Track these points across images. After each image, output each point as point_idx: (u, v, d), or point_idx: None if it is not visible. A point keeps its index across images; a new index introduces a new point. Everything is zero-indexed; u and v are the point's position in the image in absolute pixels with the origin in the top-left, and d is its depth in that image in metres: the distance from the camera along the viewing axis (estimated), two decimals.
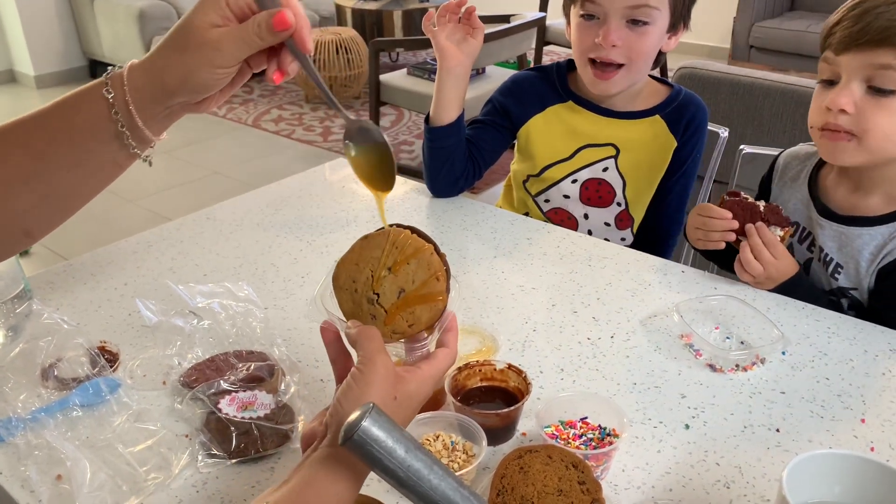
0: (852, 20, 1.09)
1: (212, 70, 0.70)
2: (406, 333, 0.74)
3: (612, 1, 1.30)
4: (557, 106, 1.48)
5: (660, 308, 1.15)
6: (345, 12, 5.46)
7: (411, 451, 0.61)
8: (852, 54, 1.09)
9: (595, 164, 1.46)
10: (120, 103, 0.70)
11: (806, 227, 1.26)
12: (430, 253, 0.74)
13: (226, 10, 0.70)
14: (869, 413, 0.93)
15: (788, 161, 1.33)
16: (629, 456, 0.87)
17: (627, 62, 1.35)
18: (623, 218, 1.50)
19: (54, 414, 0.92)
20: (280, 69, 0.75)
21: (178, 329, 1.06)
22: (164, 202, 3.85)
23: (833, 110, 1.11)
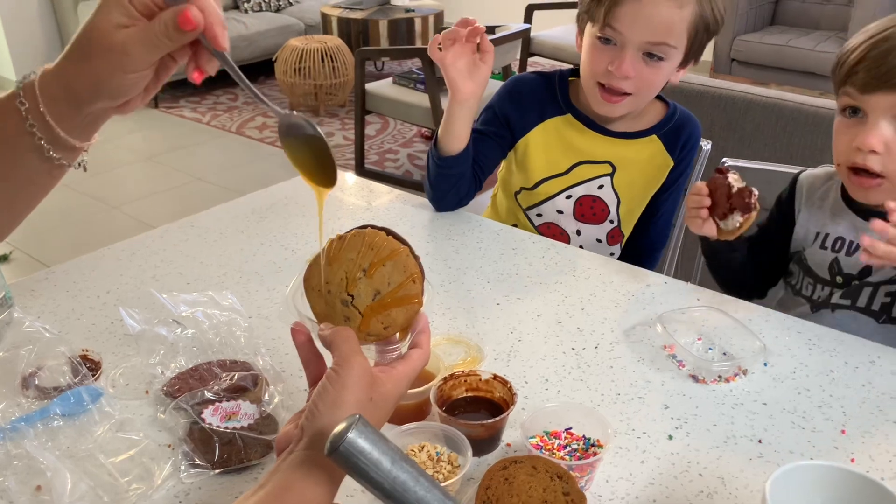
0: (876, 61, 1.07)
1: (122, 76, 0.66)
2: (381, 336, 0.74)
3: (635, 34, 1.28)
4: (556, 119, 1.46)
5: (643, 319, 1.16)
6: (330, 21, 5.46)
7: (397, 463, 0.61)
8: (880, 95, 1.08)
9: (591, 181, 1.46)
10: (35, 115, 0.66)
11: (853, 241, 1.23)
12: (406, 255, 0.74)
13: (130, 9, 0.64)
14: (849, 424, 0.94)
15: (811, 182, 1.31)
16: (613, 466, 0.87)
17: (636, 91, 1.35)
18: (614, 234, 1.51)
19: (34, 423, 0.91)
20: (198, 68, 0.71)
21: (162, 338, 1.05)
22: (146, 209, 3.82)
23: (863, 151, 1.10)
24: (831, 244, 1.26)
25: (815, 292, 1.28)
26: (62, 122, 0.67)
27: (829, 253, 1.26)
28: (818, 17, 5.47)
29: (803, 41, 5.15)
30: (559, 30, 5.20)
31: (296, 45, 5.01)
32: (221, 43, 0.68)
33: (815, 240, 1.28)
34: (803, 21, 5.53)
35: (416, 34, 5.45)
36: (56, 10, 5.63)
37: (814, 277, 1.28)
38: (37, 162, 0.68)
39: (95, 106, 0.68)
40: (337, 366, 0.67)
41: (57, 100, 0.67)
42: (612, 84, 1.33)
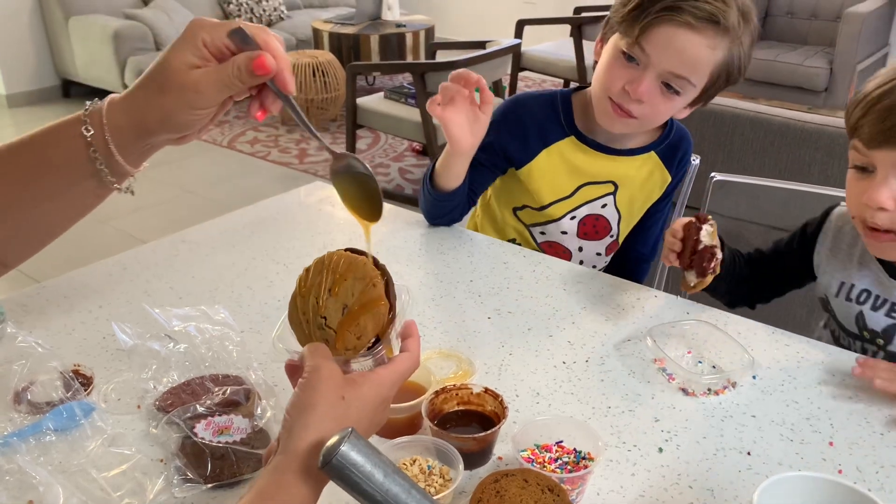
0: (880, 115, 1.04)
1: (192, 112, 0.70)
2: (358, 347, 0.75)
3: (662, 60, 1.25)
4: (559, 143, 1.44)
5: (633, 332, 1.17)
6: (322, 36, 5.49)
7: (389, 476, 0.61)
8: (886, 150, 1.04)
9: (595, 202, 1.47)
10: (99, 141, 0.70)
11: (880, 295, 1.19)
12: (363, 264, 0.75)
13: (203, 51, 0.69)
14: (837, 436, 0.95)
15: (841, 225, 1.25)
16: (604, 479, 0.88)
17: (642, 118, 1.33)
18: (612, 246, 1.54)
19: (27, 438, 0.91)
20: (263, 108, 0.75)
21: (154, 352, 1.05)
22: (136, 223, 3.82)
23: (872, 208, 1.07)
24: (856, 296, 1.21)
25: (851, 346, 1.24)
26: (123, 149, 0.71)
27: (855, 305, 1.21)
28: (806, 33, 5.54)
29: (791, 56, 5.21)
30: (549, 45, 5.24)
31: None
32: (290, 88, 0.73)
33: (839, 290, 1.23)
34: (791, 36, 5.59)
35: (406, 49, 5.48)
36: (47, 24, 5.63)
37: (844, 330, 1.24)
38: (92, 184, 0.72)
39: (158, 138, 0.72)
40: (306, 373, 0.69)
41: (122, 129, 0.70)
42: (623, 104, 1.31)
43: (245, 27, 0.71)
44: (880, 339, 1.20)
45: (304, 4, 6.68)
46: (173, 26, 5.54)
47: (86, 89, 5.75)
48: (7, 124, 5.37)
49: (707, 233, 1.14)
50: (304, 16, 6.35)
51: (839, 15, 5.11)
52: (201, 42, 0.69)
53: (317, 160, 4.65)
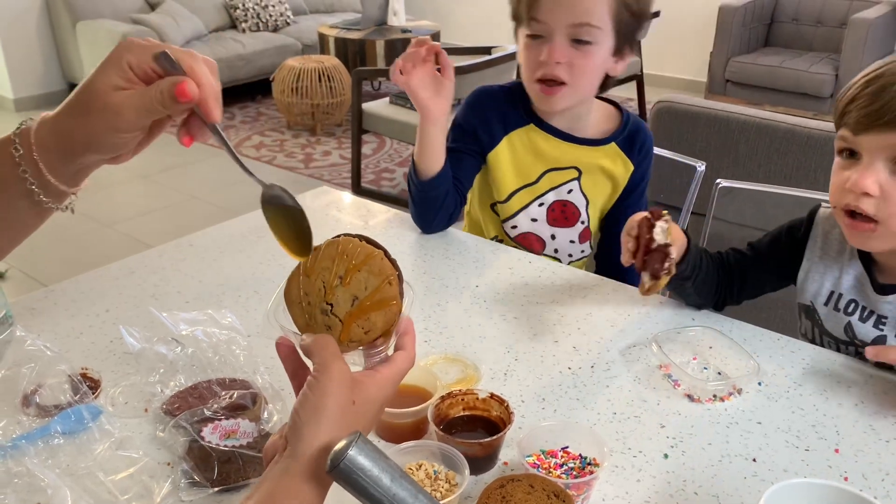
0: (868, 99, 1.03)
1: (115, 134, 0.69)
2: (363, 341, 0.74)
3: (556, 18, 1.33)
4: (520, 130, 1.49)
5: (639, 339, 1.17)
6: (328, 41, 5.51)
7: (396, 480, 0.62)
8: (873, 135, 1.03)
9: (560, 187, 1.50)
10: (28, 161, 0.69)
11: (867, 307, 1.17)
12: (380, 258, 0.74)
13: (128, 73, 0.68)
14: (843, 443, 0.95)
15: (828, 230, 1.23)
16: (609, 485, 0.88)
17: (570, 80, 1.37)
18: (585, 235, 1.55)
19: (35, 441, 0.91)
20: (189, 134, 0.74)
21: (161, 356, 1.06)
22: (142, 227, 3.83)
23: (856, 192, 1.05)
24: (844, 307, 1.20)
25: (843, 350, 1.22)
26: (53, 170, 0.70)
27: (843, 316, 1.20)
28: (811, 39, 5.54)
29: (797, 62, 5.21)
30: None
31: (293, 65, 5.04)
32: (214, 117, 0.71)
33: (828, 299, 1.21)
34: (797, 43, 5.59)
35: None
36: (54, 29, 5.66)
37: (832, 338, 1.22)
38: (26, 204, 0.71)
39: (87, 158, 0.71)
40: (316, 372, 0.68)
41: (50, 150, 0.69)
42: (547, 74, 1.36)
43: (171, 51, 0.69)
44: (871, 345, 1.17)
45: (309, 10, 6.70)
46: (180, 31, 5.56)
47: None
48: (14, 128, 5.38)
49: (661, 230, 1.09)
50: (310, 21, 6.37)
51: (845, 21, 5.11)
52: (126, 64, 0.68)
53: (322, 165, 4.66)
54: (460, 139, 1.50)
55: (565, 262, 1.54)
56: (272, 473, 0.65)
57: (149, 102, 0.68)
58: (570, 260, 1.55)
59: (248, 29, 6.04)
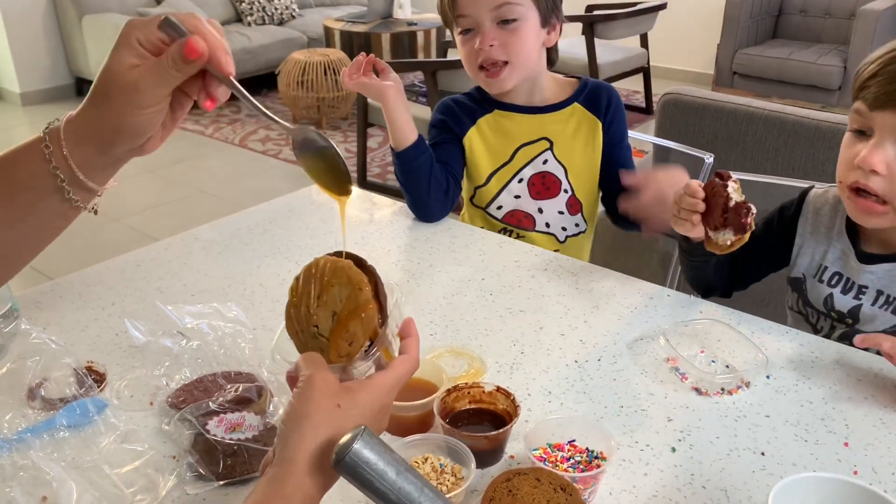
0: (889, 76, 1.03)
1: (139, 112, 0.69)
2: (351, 354, 0.74)
3: (478, 7, 1.42)
4: (486, 117, 1.57)
5: (646, 332, 1.16)
6: (333, 34, 5.50)
7: (402, 474, 0.61)
8: (888, 113, 1.04)
9: (535, 160, 1.55)
10: (59, 158, 0.69)
11: (850, 278, 1.20)
12: (348, 268, 0.74)
13: (139, 49, 0.69)
14: (852, 437, 0.95)
15: (820, 206, 1.27)
16: (616, 479, 0.88)
17: (509, 58, 1.45)
18: (572, 203, 1.57)
19: (40, 434, 0.91)
20: (210, 96, 0.74)
21: (167, 349, 1.06)
22: (149, 221, 3.83)
23: (864, 169, 1.06)
24: (828, 279, 1.24)
25: (819, 322, 1.27)
26: (84, 165, 0.70)
27: (826, 287, 1.24)
28: (819, 31, 5.50)
29: (805, 54, 5.18)
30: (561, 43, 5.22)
31: (299, 59, 5.04)
32: (227, 69, 0.72)
33: (817, 272, 1.26)
34: (805, 34, 5.56)
35: (418, 48, 5.48)
36: (61, 23, 5.66)
37: (812, 308, 1.27)
38: (56, 203, 0.71)
39: (117, 148, 0.71)
40: (300, 383, 0.68)
41: (80, 143, 0.70)
42: (486, 59, 1.45)
43: (173, 16, 0.70)
44: (848, 318, 1.22)
45: (315, 3, 6.70)
46: None
47: None
48: (21, 122, 5.40)
49: (734, 189, 1.11)
50: (316, 14, 6.36)
51: (853, 13, 5.07)
52: (136, 41, 0.69)
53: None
54: (438, 133, 1.59)
55: (562, 237, 1.57)
56: (260, 483, 0.65)
57: (163, 70, 0.68)
58: (566, 235, 1.58)
59: (254, 22, 6.03)
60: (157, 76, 0.69)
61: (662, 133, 2.38)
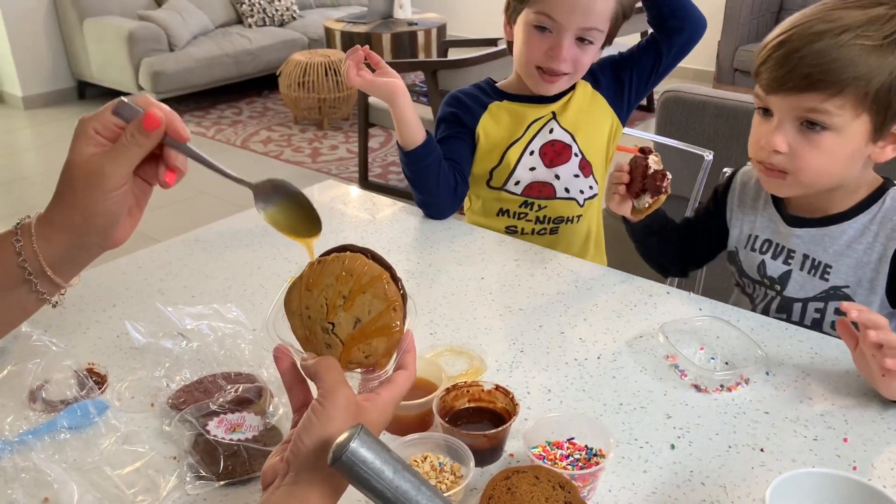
0: (776, 63, 1.11)
1: (104, 196, 0.70)
2: (363, 364, 0.73)
3: (571, 21, 1.43)
4: (496, 103, 1.59)
5: (645, 329, 1.16)
6: (334, 35, 5.50)
7: (399, 472, 0.61)
8: (780, 97, 1.12)
9: (542, 130, 1.58)
10: (28, 252, 0.71)
11: (779, 243, 1.27)
12: (386, 281, 0.73)
13: (97, 138, 0.71)
14: (851, 433, 0.95)
15: (746, 181, 1.35)
16: (615, 476, 0.88)
17: (572, 71, 1.50)
18: (584, 165, 1.59)
19: (42, 436, 0.92)
20: (170, 168, 0.76)
21: (167, 351, 1.06)
22: (151, 222, 3.81)
23: (767, 150, 1.14)
24: (759, 247, 1.29)
25: (756, 291, 1.33)
26: (52, 260, 0.72)
27: (758, 255, 1.29)
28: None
29: None
30: None
31: (299, 60, 5.04)
32: (185, 135, 0.74)
33: (747, 242, 1.32)
34: None
35: (418, 48, 5.48)
36: (62, 26, 5.67)
37: (748, 278, 1.32)
38: (22, 294, 0.73)
39: (86, 239, 0.73)
40: (322, 397, 0.67)
41: (50, 237, 0.71)
42: (552, 67, 1.47)
43: (127, 99, 0.72)
44: (777, 285, 1.27)
45: (316, 4, 6.69)
46: (187, 27, 5.57)
47: (101, 90, 5.79)
48: (23, 126, 5.41)
49: (654, 161, 1.22)
50: (316, 15, 6.36)
51: None
52: (92, 131, 0.71)
53: (329, 159, 4.66)
54: (446, 128, 1.60)
55: (581, 201, 1.59)
56: (274, 498, 0.64)
57: (124, 148, 0.70)
58: (584, 198, 1.59)
59: (255, 24, 6.04)
60: (118, 156, 0.70)
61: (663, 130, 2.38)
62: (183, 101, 5.63)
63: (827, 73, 1.06)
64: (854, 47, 1.05)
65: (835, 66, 1.06)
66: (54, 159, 4.75)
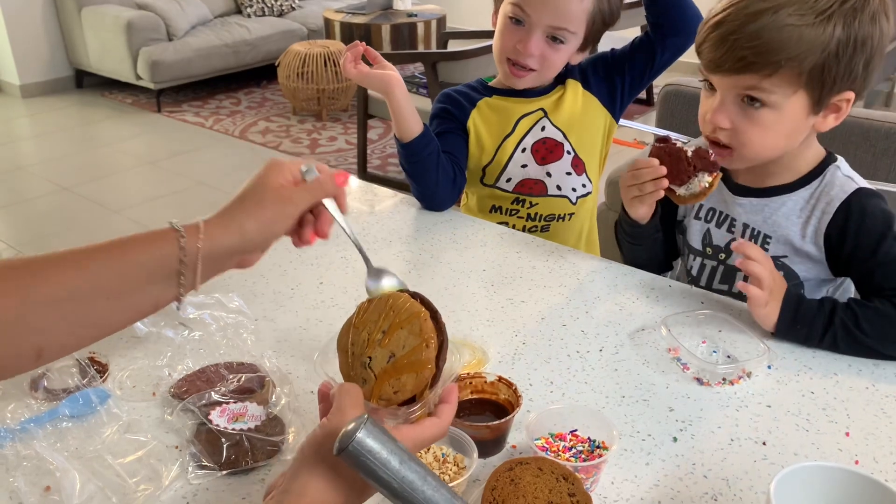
0: (713, 44, 1.12)
1: (285, 218, 0.80)
2: (391, 400, 0.73)
3: (541, 17, 1.44)
4: (485, 99, 1.60)
5: (647, 322, 1.16)
6: (333, 25, 5.48)
7: (405, 463, 0.61)
8: (720, 76, 1.14)
9: (533, 128, 1.58)
10: (191, 247, 0.74)
11: (723, 211, 1.29)
12: (424, 319, 0.73)
13: (287, 176, 0.82)
14: (853, 426, 0.95)
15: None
16: (618, 468, 0.88)
17: (539, 68, 1.50)
18: (577, 164, 1.59)
19: (43, 425, 0.91)
20: (317, 231, 0.86)
21: (169, 340, 1.06)
22: (149, 213, 3.83)
23: (711, 125, 1.16)
24: (705, 214, 1.32)
25: (689, 262, 1.35)
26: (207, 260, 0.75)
27: (703, 224, 1.31)
28: None
29: None
30: None
31: (299, 50, 5.02)
32: (345, 208, 0.86)
33: (693, 210, 1.34)
34: None
35: (418, 39, 5.46)
36: (60, 15, 5.65)
37: (690, 249, 1.34)
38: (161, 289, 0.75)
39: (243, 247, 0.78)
40: (331, 415, 0.67)
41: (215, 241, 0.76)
42: (519, 60, 1.49)
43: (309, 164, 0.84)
44: (722, 253, 1.30)
45: None
46: (185, 16, 5.54)
47: (99, 80, 5.78)
48: (21, 114, 5.40)
49: (683, 142, 1.21)
50: (316, 6, 6.34)
51: None
52: (287, 170, 0.82)
53: (328, 150, 4.66)
54: (440, 123, 1.61)
55: (574, 199, 1.58)
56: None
57: (312, 189, 0.82)
58: (577, 196, 1.59)
59: (254, 14, 6.02)
60: (306, 193, 0.82)
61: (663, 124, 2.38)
62: (181, 91, 5.61)
63: (761, 56, 1.07)
64: (788, 27, 1.06)
65: (769, 49, 1.07)
66: (51, 148, 4.74)
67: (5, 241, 3.44)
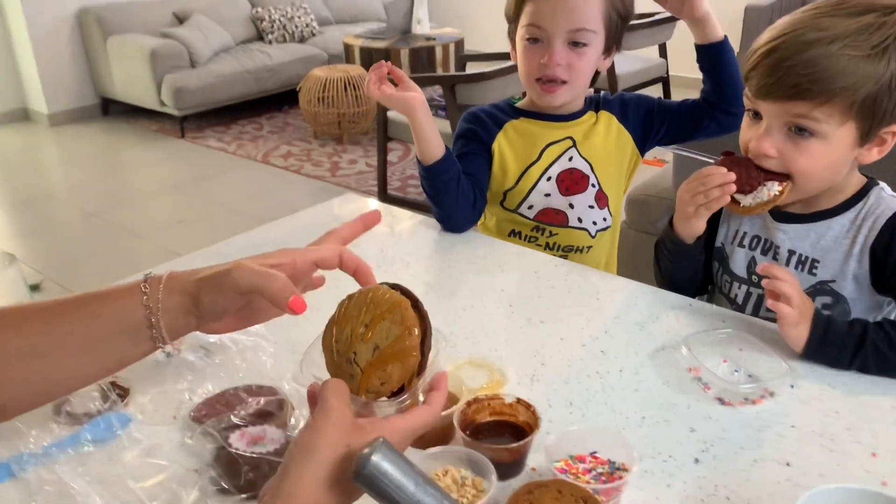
0: (765, 71, 1.11)
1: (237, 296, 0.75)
2: (379, 392, 0.72)
3: (556, 25, 1.43)
4: (512, 122, 1.59)
5: (668, 341, 1.15)
6: (353, 50, 5.54)
7: (421, 486, 0.61)
8: (769, 103, 1.13)
9: (561, 157, 1.57)
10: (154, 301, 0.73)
11: (767, 238, 1.28)
12: (405, 307, 0.73)
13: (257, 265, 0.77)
14: (880, 447, 0.93)
15: None
16: (639, 490, 0.87)
17: (570, 79, 1.48)
18: (600, 197, 1.58)
19: (65, 449, 0.92)
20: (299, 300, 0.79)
21: (189, 364, 1.07)
22: (173, 237, 3.88)
23: (756, 153, 1.15)
24: (749, 242, 1.30)
25: (732, 290, 1.32)
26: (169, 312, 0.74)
27: (748, 251, 1.30)
28: None
29: None
30: None
31: (319, 75, 5.08)
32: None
33: (734, 238, 1.32)
34: None
35: (437, 62, 5.51)
36: (86, 44, 5.77)
37: (731, 276, 1.32)
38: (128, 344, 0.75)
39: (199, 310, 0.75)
40: (316, 412, 0.67)
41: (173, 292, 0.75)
42: (548, 74, 1.47)
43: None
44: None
45: (335, 20, 6.75)
46: (208, 44, 5.64)
47: (124, 107, 5.88)
48: (50, 142, 5.50)
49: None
50: (336, 31, 6.42)
51: None
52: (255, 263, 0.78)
53: (349, 173, 4.69)
54: (465, 144, 1.60)
55: (593, 232, 1.58)
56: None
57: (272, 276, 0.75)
58: (596, 229, 1.58)
59: (275, 40, 6.10)
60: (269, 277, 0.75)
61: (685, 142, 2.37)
62: (204, 117, 5.69)
63: (815, 83, 1.07)
64: (843, 57, 1.06)
65: (824, 77, 1.06)
66: (78, 175, 4.82)
67: (34, 267, 3.49)
